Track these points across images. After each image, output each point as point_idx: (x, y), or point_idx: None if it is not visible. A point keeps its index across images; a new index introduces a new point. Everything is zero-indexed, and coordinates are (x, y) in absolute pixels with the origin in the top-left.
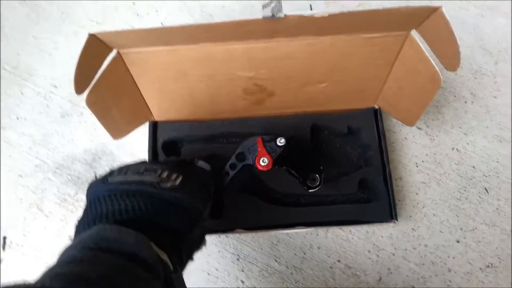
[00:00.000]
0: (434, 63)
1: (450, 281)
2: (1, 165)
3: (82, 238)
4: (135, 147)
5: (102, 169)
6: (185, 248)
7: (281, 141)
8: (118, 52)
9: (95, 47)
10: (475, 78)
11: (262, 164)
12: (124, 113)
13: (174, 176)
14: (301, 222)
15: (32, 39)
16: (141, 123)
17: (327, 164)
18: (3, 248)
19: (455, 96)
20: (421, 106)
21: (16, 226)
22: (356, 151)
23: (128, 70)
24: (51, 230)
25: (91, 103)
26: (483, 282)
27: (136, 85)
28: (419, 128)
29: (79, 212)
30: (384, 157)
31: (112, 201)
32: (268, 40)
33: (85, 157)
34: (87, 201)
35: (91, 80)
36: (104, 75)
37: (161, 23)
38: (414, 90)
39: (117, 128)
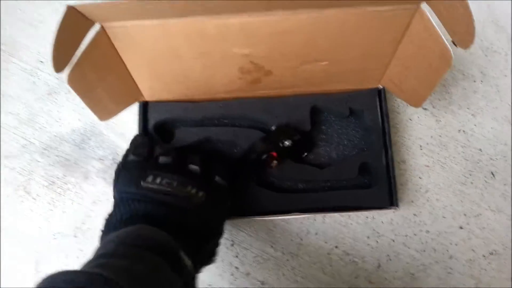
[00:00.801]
0: (445, 39)
1: (451, 269)
2: None
3: (120, 234)
4: (125, 126)
5: (92, 151)
6: (200, 259)
7: (287, 143)
8: (102, 26)
9: (75, 20)
10: (486, 55)
11: (273, 165)
12: (111, 92)
13: (200, 193)
14: (299, 208)
15: (18, 11)
16: (130, 103)
17: (326, 147)
18: None
19: (463, 75)
20: (428, 86)
21: (2, 209)
22: (358, 134)
23: (113, 45)
24: (38, 214)
25: (74, 82)
26: (485, 270)
27: (123, 62)
28: (425, 109)
29: (67, 195)
30: (386, 140)
31: (146, 205)
32: (266, 13)
33: (73, 138)
34: (116, 196)
35: (71, 57)
36: (86, 51)
37: None
38: (421, 68)
39: (104, 109)
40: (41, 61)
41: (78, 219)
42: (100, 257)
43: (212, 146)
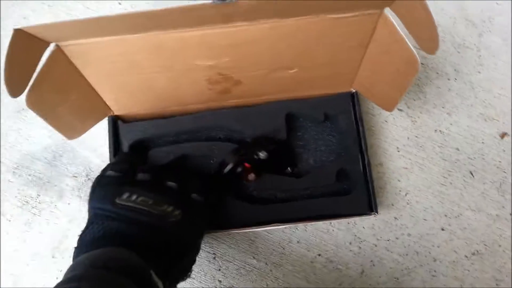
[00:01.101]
0: (410, 45)
1: (435, 271)
2: None
3: (91, 256)
4: (97, 142)
5: (64, 168)
6: (173, 277)
7: (262, 155)
8: (57, 46)
9: (27, 42)
10: (458, 52)
11: (250, 178)
12: (76, 110)
13: (177, 211)
14: (278, 219)
15: None
16: (98, 119)
17: (303, 154)
18: None
19: (437, 73)
20: (398, 91)
21: None
22: (334, 138)
23: (72, 63)
24: (14, 236)
25: (33, 104)
26: (468, 271)
27: (85, 79)
28: (400, 110)
29: (43, 215)
30: (362, 144)
31: (119, 223)
32: (224, 25)
33: (45, 155)
34: (91, 212)
35: (29, 79)
36: (43, 72)
37: (119, 3)
38: (390, 73)
39: (70, 128)
40: None
41: (55, 239)
42: (70, 280)
43: (188, 162)
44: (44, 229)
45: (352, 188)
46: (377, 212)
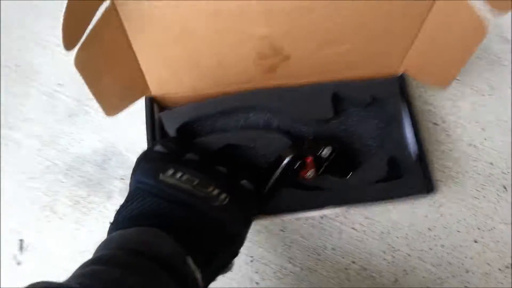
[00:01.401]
0: (477, 7)
1: (468, 282)
2: (10, 167)
3: (124, 235)
4: (144, 147)
5: (113, 171)
6: (213, 269)
7: (327, 150)
8: (112, 3)
9: None
10: (493, 69)
11: (308, 175)
12: (117, 84)
13: (223, 195)
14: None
15: (34, 35)
16: (137, 97)
17: (348, 138)
18: (21, 250)
19: (472, 89)
20: (458, 62)
21: (30, 229)
22: (380, 123)
23: (122, 27)
24: (66, 233)
25: (81, 65)
26: (502, 283)
27: (132, 48)
28: (435, 124)
29: (92, 215)
30: (413, 124)
31: (160, 201)
32: None
33: (95, 158)
34: (132, 185)
35: (82, 34)
36: (95, 31)
37: None
38: (451, 43)
39: (110, 102)
40: (60, 84)
41: (104, 237)
42: (97, 261)
43: (235, 153)
44: (93, 228)
45: (405, 172)
46: (434, 191)
